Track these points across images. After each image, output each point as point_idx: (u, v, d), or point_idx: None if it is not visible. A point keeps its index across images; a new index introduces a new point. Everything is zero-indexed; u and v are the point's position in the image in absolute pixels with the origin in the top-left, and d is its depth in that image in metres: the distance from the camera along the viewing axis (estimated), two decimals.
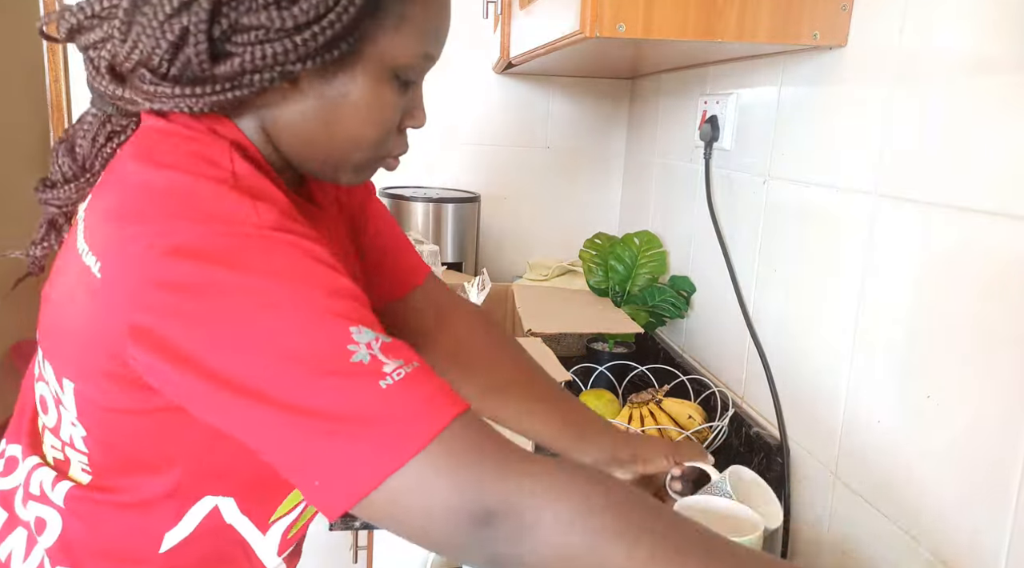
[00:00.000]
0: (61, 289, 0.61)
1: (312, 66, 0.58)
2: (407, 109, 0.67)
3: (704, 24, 0.93)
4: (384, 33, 0.60)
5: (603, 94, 1.90)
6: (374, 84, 0.62)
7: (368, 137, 0.64)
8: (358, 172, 0.68)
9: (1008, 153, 0.71)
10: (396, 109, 0.65)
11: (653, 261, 1.55)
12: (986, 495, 0.73)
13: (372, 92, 0.62)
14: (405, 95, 0.66)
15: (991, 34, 0.74)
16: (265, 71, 0.57)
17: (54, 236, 0.71)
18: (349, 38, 0.58)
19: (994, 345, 0.72)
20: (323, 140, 0.64)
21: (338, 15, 0.55)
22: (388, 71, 0.62)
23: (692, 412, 1.16)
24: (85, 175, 0.65)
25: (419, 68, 0.65)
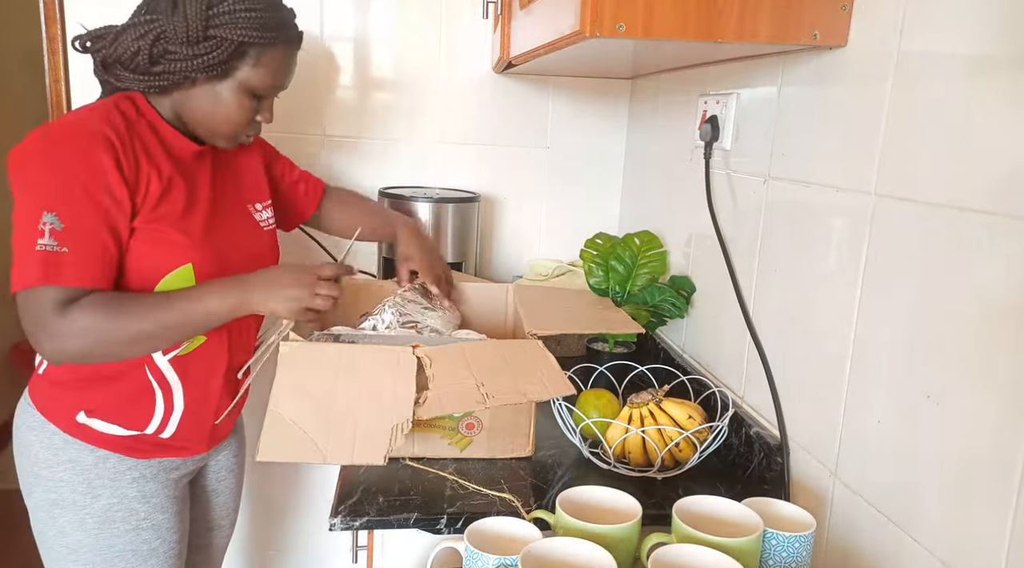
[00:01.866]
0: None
1: (202, 77, 1.09)
2: (260, 109, 1.17)
3: (704, 24, 0.93)
4: (245, 67, 1.10)
5: (603, 94, 1.90)
6: (237, 94, 1.12)
7: (230, 123, 1.14)
8: (226, 141, 1.17)
9: (1008, 153, 0.71)
10: (249, 110, 1.14)
11: (653, 261, 1.55)
12: (986, 495, 0.73)
13: (234, 98, 1.12)
14: (258, 102, 1.15)
15: (991, 34, 0.74)
16: (177, 74, 1.08)
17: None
18: (222, 66, 1.08)
19: (994, 346, 0.72)
20: (203, 119, 1.13)
21: (215, 55, 1.07)
22: (246, 88, 1.12)
23: (692, 412, 1.16)
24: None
25: (268, 90, 1.14)
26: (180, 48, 1.05)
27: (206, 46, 1.06)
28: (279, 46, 1.11)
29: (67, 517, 1.14)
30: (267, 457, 0.98)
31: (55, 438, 1.14)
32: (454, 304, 1.42)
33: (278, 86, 1.15)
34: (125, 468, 1.16)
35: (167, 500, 1.21)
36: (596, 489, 0.92)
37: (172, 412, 1.17)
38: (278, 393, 1.02)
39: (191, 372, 1.17)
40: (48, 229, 0.98)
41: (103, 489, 1.15)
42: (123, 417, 1.15)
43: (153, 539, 1.19)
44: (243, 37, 1.06)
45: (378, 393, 1.03)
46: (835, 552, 0.98)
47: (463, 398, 1.03)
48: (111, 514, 1.15)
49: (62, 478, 1.14)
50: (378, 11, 1.79)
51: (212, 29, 1.05)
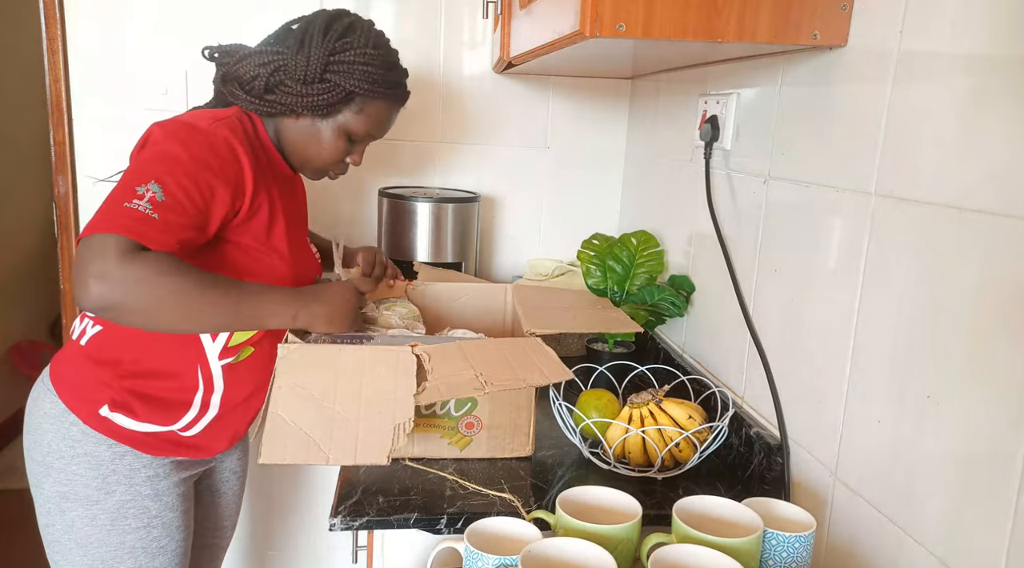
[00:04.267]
0: None
1: (307, 113, 1.17)
2: (351, 152, 1.25)
3: (704, 24, 0.93)
4: (349, 112, 1.18)
5: (603, 94, 1.90)
6: (334, 134, 1.20)
7: (321, 159, 1.22)
8: (314, 174, 1.27)
9: (1008, 153, 0.71)
10: (342, 152, 1.22)
11: (651, 261, 1.55)
12: (986, 495, 0.73)
13: (331, 137, 1.20)
14: (352, 146, 1.24)
15: (991, 34, 0.74)
16: (285, 106, 1.16)
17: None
18: (327, 109, 1.16)
19: (994, 345, 0.72)
20: (299, 149, 1.21)
21: (324, 99, 1.15)
22: (344, 131, 1.20)
23: (692, 412, 1.16)
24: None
25: (364, 137, 1.23)
26: (295, 85, 1.13)
27: (320, 87, 1.13)
28: (385, 101, 1.20)
29: (78, 511, 1.14)
30: (270, 460, 0.98)
31: (73, 429, 1.13)
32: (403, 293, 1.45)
33: (374, 135, 1.23)
34: (140, 465, 1.16)
35: (177, 498, 1.21)
36: (596, 489, 0.92)
37: (205, 414, 1.18)
38: (278, 395, 1.02)
39: (236, 380, 1.19)
40: (148, 195, 0.96)
41: (117, 485, 1.15)
42: (155, 411, 1.14)
43: (163, 536, 1.19)
44: (355, 87, 1.14)
45: (378, 392, 1.03)
46: (835, 552, 0.98)
47: (461, 386, 1.03)
48: (124, 511, 1.15)
49: (76, 471, 1.13)
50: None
51: (329, 74, 1.13)
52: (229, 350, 1.17)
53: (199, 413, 1.18)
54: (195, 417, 1.18)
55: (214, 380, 1.17)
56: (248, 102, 1.16)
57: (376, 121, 1.21)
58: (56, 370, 1.18)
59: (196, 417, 1.18)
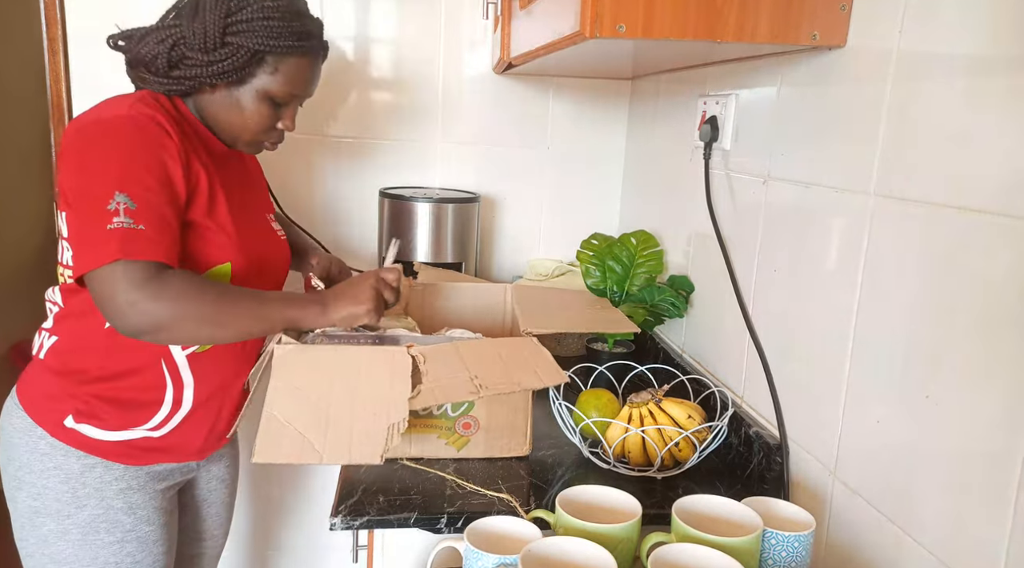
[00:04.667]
0: None
1: (221, 83, 1.10)
2: (280, 117, 1.17)
3: (704, 24, 0.93)
4: (263, 74, 1.11)
5: (603, 94, 1.90)
6: (255, 100, 1.12)
7: (247, 128, 1.14)
8: (247, 147, 1.19)
9: (1008, 153, 0.71)
10: (268, 118, 1.14)
11: (651, 260, 1.56)
12: (986, 495, 0.73)
13: (252, 104, 1.12)
14: (278, 110, 1.15)
15: (991, 34, 0.74)
16: (194, 80, 1.09)
17: None
18: (237, 74, 1.09)
19: (994, 345, 0.72)
20: (223, 124, 1.14)
21: (231, 64, 1.07)
22: (264, 95, 1.12)
23: (692, 412, 1.16)
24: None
25: (288, 99, 1.14)
26: (197, 55, 1.07)
27: (223, 53, 1.06)
28: (298, 55, 1.11)
29: (50, 526, 1.12)
30: (263, 458, 0.98)
31: (41, 443, 1.12)
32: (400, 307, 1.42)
33: (298, 95, 1.15)
34: (112, 478, 1.14)
35: (153, 512, 1.19)
36: (596, 489, 0.92)
37: (177, 410, 1.17)
38: (273, 395, 1.02)
39: (204, 372, 1.17)
40: (122, 208, 0.96)
41: (88, 499, 1.13)
42: (124, 414, 1.13)
43: (137, 551, 1.17)
44: (259, 45, 1.07)
45: (374, 393, 1.03)
46: (835, 552, 0.98)
47: (456, 389, 1.03)
48: (96, 525, 1.13)
49: (47, 485, 1.12)
50: (378, 11, 1.79)
51: (229, 36, 1.06)
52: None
53: (171, 410, 1.16)
54: (167, 415, 1.16)
55: (181, 373, 1.15)
56: (157, 83, 1.10)
57: (295, 79, 1.12)
58: (21, 386, 1.17)
59: (168, 414, 1.16)
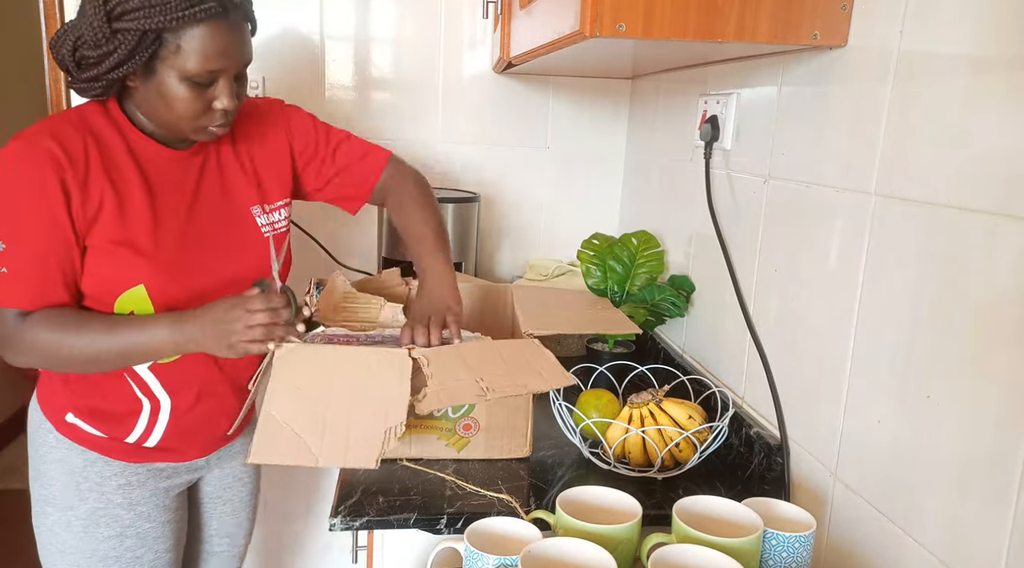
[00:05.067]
0: None
1: (135, 76, 1.01)
2: (212, 97, 1.04)
3: (704, 24, 0.93)
4: (168, 54, 0.99)
5: (603, 94, 1.90)
6: (174, 86, 1.01)
7: (178, 115, 1.04)
8: (195, 134, 1.07)
9: (1008, 153, 0.71)
10: (197, 100, 1.02)
11: (651, 261, 1.55)
12: (986, 495, 0.73)
13: (172, 90, 1.01)
14: (206, 90, 1.03)
15: (991, 34, 0.74)
16: (102, 79, 1.01)
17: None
18: (137, 61, 0.98)
19: (994, 345, 0.72)
20: (158, 117, 1.05)
21: (126, 54, 0.98)
22: (181, 78, 1.01)
23: (692, 412, 1.16)
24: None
25: (208, 75, 1.02)
26: (93, 52, 0.99)
27: (115, 44, 0.97)
28: (196, 25, 0.98)
29: (55, 516, 1.15)
30: (259, 459, 0.97)
31: (49, 436, 1.15)
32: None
33: (215, 69, 1.01)
34: (111, 473, 1.15)
35: (155, 509, 1.19)
36: (596, 489, 0.92)
37: (156, 423, 1.15)
38: (272, 395, 1.01)
39: (177, 382, 1.14)
40: None
41: (89, 493, 1.15)
42: (104, 423, 1.14)
43: (137, 547, 1.18)
44: (146, 25, 0.96)
45: (374, 395, 1.03)
46: (835, 552, 0.98)
47: (463, 392, 1.03)
48: (96, 518, 1.15)
49: (54, 477, 1.15)
50: (378, 11, 1.79)
51: (116, 23, 0.97)
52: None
53: (148, 423, 1.15)
54: (146, 427, 1.15)
55: (151, 388, 1.13)
56: (77, 89, 1.04)
57: (205, 51, 0.99)
58: (38, 382, 1.20)
59: (147, 428, 1.15)
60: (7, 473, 3.00)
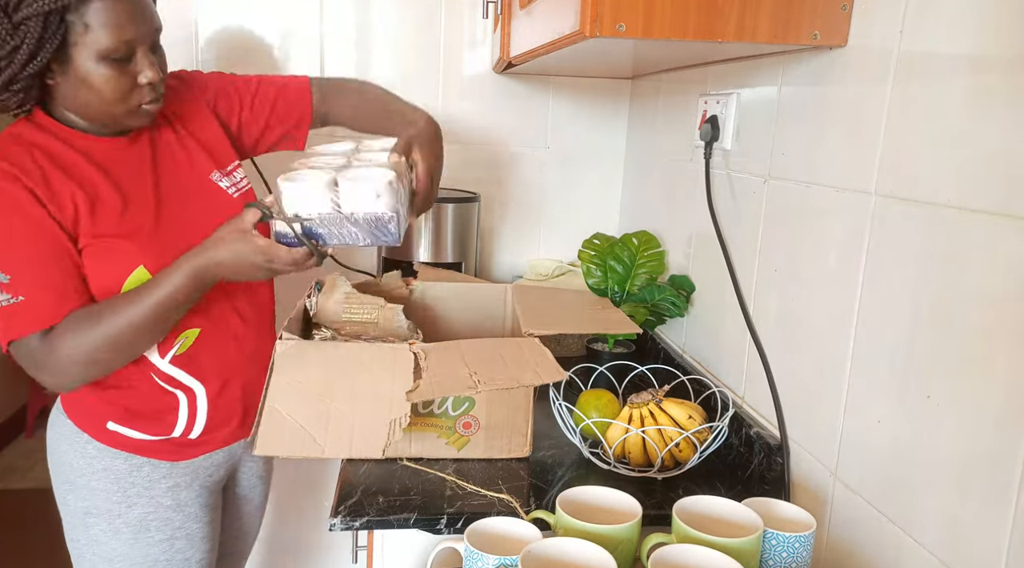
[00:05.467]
0: None
1: (44, 70, 0.96)
2: (136, 73, 1.01)
3: (704, 24, 0.93)
4: (78, 37, 0.95)
5: (603, 94, 1.90)
6: (93, 67, 0.97)
7: (106, 99, 1.00)
8: (130, 118, 1.05)
9: (1008, 153, 0.71)
10: (120, 79, 0.99)
11: (652, 261, 1.56)
12: (986, 495, 0.73)
13: (93, 72, 0.97)
14: (127, 66, 0.99)
15: (991, 34, 0.74)
16: (20, 81, 0.95)
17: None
18: (48, 49, 0.93)
19: (994, 345, 0.72)
20: (87, 107, 1.02)
21: (35, 43, 0.92)
22: (97, 57, 0.96)
23: (692, 412, 1.16)
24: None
25: (124, 47, 0.97)
26: (1, 52, 0.94)
27: (19, 37, 0.93)
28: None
29: (101, 526, 1.14)
30: (264, 451, 0.98)
31: (88, 447, 1.13)
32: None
33: (131, 40, 0.98)
34: (160, 476, 1.16)
35: (201, 509, 1.21)
36: (596, 489, 0.92)
37: (197, 412, 1.16)
38: (275, 390, 1.03)
39: (200, 367, 1.15)
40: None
41: (138, 498, 1.15)
42: (147, 424, 1.14)
43: (187, 548, 1.19)
44: (46, 7, 0.92)
45: (375, 389, 1.03)
46: (835, 552, 0.98)
47: (455, 384, 1.03)
48: (146, 523, 1.15)
49: (96, 487, 1.13)
50: (378, 11, 1.79)
51: (15, 15, 0.92)
52: (165, 346, 1.12)
53: (190, 414, 1.16)
54: (188, 419, 1.16)
55: (180, 381, 1.14)
56: (4, 106, 1.01)
57: (114, 22, 0.96)
58: (65, 396, 1.18)
59: (189, 419, 1.16)
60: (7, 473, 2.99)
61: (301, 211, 0.98)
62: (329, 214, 0.98)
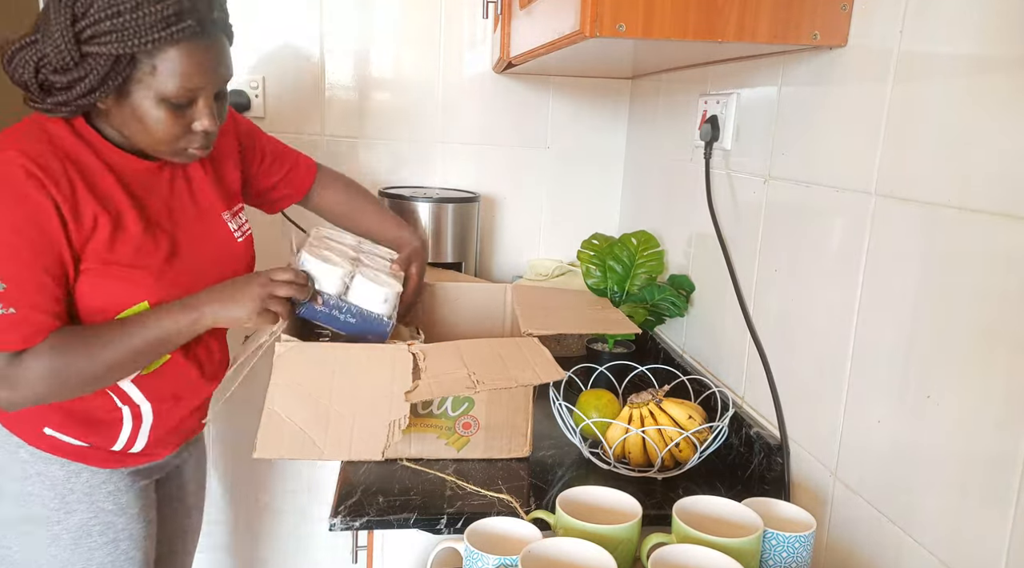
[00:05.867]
0: None
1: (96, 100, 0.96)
2: (192, 119, 1.01)
3: (704, 24, 0.93)
4: (144, 75, 0.95)
5: (603, 94, 1.90)
6: (150, 107, 0.97)
7: (156, 139, 1.00)
8: (173, 156, 1.05)
9: (1008, 153, 0.71)
10: (175, 123, 0.99)
11: (651, 261, 1.55)
12: (986, 495, 0.73)
13: (149, 113, 0.97)
14: (185, 111, 1.00)
15: (991, 34, 0.74)
16: (71, 104, 0.96)
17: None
18: (110, 85, 0.94)
19: (994, 345, 0.72)
20: (132, 136, 1.01)
21: (98, 79, 0.93)
22: (158, 100, 0.97)
23: (692, 412, 1.16)
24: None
25: (186, 94, 0.98)
26: (61, 78, 0.94)
27: (86, 69, 0.92)
28: (174, 45, 0.94)
29: (39, 533, 1.10)
30: (264, 454, 0.98)
31: (21, 451, 1.09)
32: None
33: (194, 88, 0.98)
34: (99, 481, 1.12)
35: (142, 509, 1.18)
36: (596, 489, 0.92)
37: (140, 429, 1.14)
38: (274, 392, 1.02)
39: (158, 389, 1.13)
40: None
41: (78, 504, 1.11)
42: (87, 432, 1.11)
43: (131, 548, 1.17)
44: (119, 49, 0.91)
45: (374, 390, 1.03)
46: (835, 552, 0.98)
47: (453, 384, 1.04)
48: (87, 528, 1.12)
49: (32, 492, 1.09)
50: (378, 11, 1.79)
51: (86, 48, 0.91)
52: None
53: (133, 430, 1.13)
54: (130, 435, 1.13)
55: (132, 396, 1.11)
56: (42, 109, 0.98)
57: (182, 72, 0.95)
58: None
59: (132, 435, 1.13)
60: None
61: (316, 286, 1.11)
62: (334, 299, 1.12)
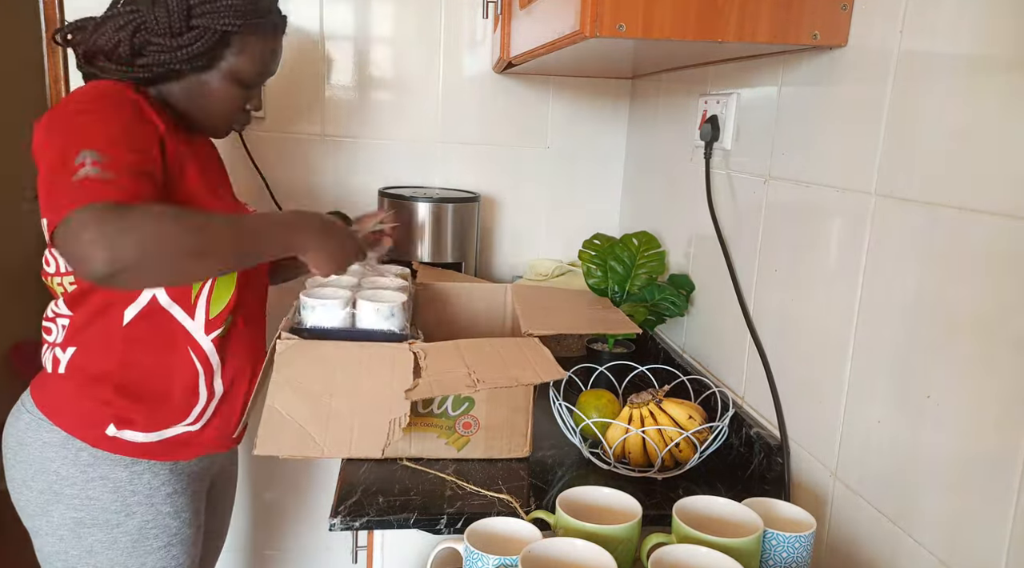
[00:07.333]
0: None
1: (187, 68, 1.07)
2: (248, 98, 1.17)
3: (704, 24, 0.93)
4: (230, 56, 1.10)
5: (603, 94, 1.90)
6: (223, 83, 1.11)
7: (216, 112, 1.14)
8: (219, 131, 1.19)
9: (1008, 153, 0.71)
10: (237, 99, 1.14)
11: (652, 261, 1.55)
12: (986, 495, 0.73)
13: (221, 88, 1.11)
14: (247, 91, 1.15)
15: (991, 34, 0.74)
16: (161, 66, 1.06)
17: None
18: (205, 58, 1.07)
19: (994, 345, 0.72)
20: (194, 110, 1.13)
21: (199, 46, 1.05)
22: (232, 77, 1.11)
23: (692, 412, 1.16)
24: None
25: (255, 78, 1.14)
26: (163, 40, 1.05)
27: (189, 37, 1.05)
28: (262, 33, 1.11)
29: (97, 536, 1.11)
30: (265, 451, 0.98)
31: (83, 454, 1.09)
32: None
33: (265, 73, 1.15)
34: (160, 483, 1.14)
35: (193, 514, 1.21)
36: (596, 489, 0.92)
37: (212, 398, 1.17)
38: (275, 390, 1.03)
39: (229, 353, 1.17)
40: (88, 161, 0.88)
41: (138, 506, 1.13)
42: (160, 411, 1.12)
43: (181, 554, 1.19)
44: (226, 26, 1.05)
45: (375, 388, 1.04)
46: (835, 552, 0.98)
47: (453, 383, 1.04)
48: (145, 531, 1.14)
49: (92, 496, 1.10)
50: (378, 11, 1.79)
51: (195, 19, 1.04)
52: (212, 323, 1.13)
53: (207, 399, 1.16)
54: (204, 405, 1.16)
55: (210, 358, 1.14)
56: (120, 72, 1.06)
57: (261, 58, 1.13)
58: (42, 400, 1.12)
59: (205, 404, 1.16)
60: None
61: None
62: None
